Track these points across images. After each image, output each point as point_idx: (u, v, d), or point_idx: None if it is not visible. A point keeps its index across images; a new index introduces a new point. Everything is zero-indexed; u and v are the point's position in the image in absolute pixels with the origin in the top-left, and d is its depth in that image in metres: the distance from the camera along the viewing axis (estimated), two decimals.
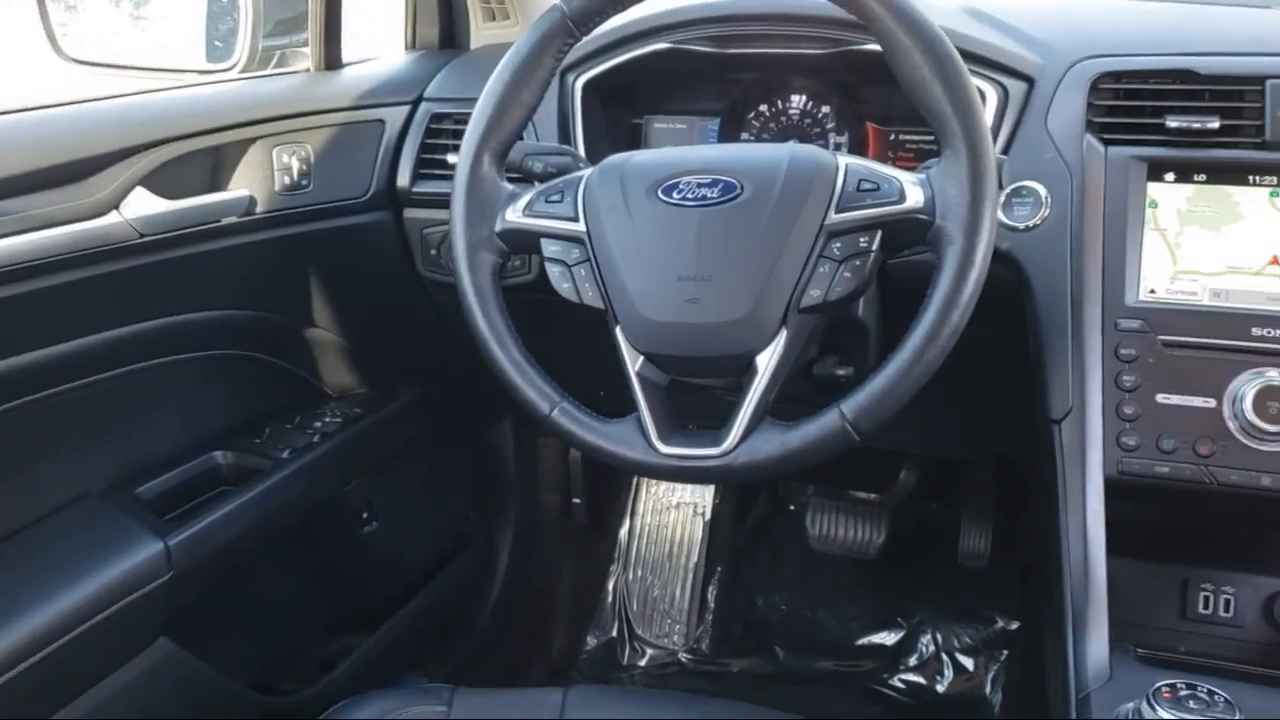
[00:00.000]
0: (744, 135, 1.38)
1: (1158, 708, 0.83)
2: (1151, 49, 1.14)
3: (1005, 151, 1.14)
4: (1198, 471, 1.01)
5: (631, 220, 0.98)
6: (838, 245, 0.93)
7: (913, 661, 1.89)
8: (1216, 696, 0.83)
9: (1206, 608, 1.18)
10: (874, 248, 0.93)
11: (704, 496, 2.10)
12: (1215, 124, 1.06)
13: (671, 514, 2.11)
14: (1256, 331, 1.01)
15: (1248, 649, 1.16)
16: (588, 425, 0.99)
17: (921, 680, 1.87)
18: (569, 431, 0.99)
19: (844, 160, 0.96)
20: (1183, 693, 0.84)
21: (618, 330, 0.98)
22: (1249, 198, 1.06)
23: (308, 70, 1.52)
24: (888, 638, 1.92)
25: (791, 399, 0.99)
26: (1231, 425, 1.00)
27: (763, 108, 1.37)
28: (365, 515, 1.58)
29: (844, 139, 1.34)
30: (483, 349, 1.02)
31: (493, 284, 1.03)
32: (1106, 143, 1.10)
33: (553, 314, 1.02)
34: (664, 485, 2.13)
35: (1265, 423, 0.98)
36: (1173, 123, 1.07)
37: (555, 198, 1.03)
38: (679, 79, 1.37)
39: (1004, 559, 1.84)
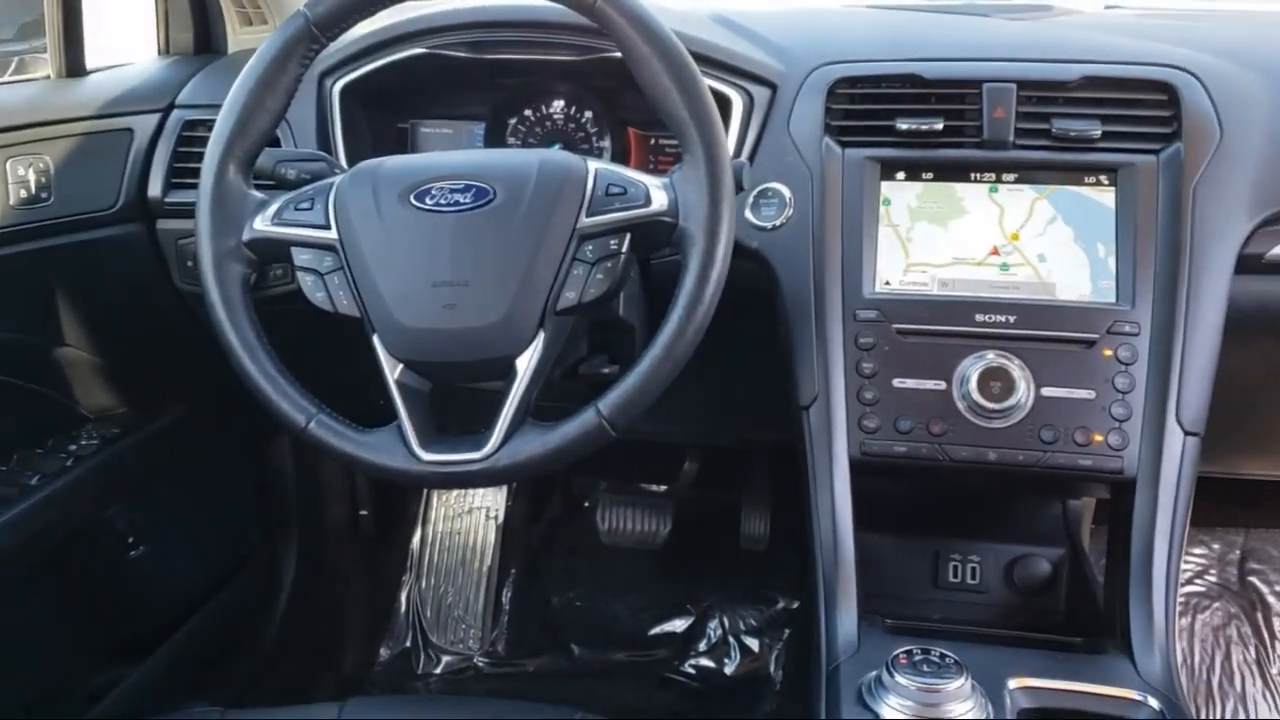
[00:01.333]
0: (510, 140, 1.40)
1: (895, 674, 0.89)
2: (882, 55, 1.21)
3: (752, 155, 1.20)
4: (932, 449, 1.08)
5: (384, 226, 0.97)
6: (590, 248, 0.96)
7: (702, 646, 1.95)
8: (948, 659, 0.90)
9: (956, 576, 1.27)
10: (624, 250, 0.96)
11: (496, 499, 2.10)
12: (940, 125, 1.14)
13: (464, 519, 2.10)
14: (979, 317, 1.10)
15: (993, 611, 1.25)
16: (346, 436, 0.98)
17: (711, 664, 1.93)
18: (326, 443, 0.97)
19: (594, 165, 0.99)
20: (917, 658, 0.90)
21: (375, 338, 0.98)
22: (971, 193, 1.15)
23: (48, 77, 1.44)
24: (678, 625, 1.97)
25: (571, 399, 1.01)
26: (960, 405, 1.08)
27: (527, 112, 1.39)
28: (131, 539, 1.51)
29: (606, 144, 1.37)
30: (233, 362, 0.99)
31: (242, 295, 1.01)
32: (843, 145, 1.17)
33: (332, 323, 1.00)
34: (455, 491, 2.12)
35: (988, 401, 1.07)
36: (902, 125, 1.15)
37: (305, 205, 1.01)
38: (443, 83, 1.37)
39: (784, 541, 1.92)
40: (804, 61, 1.22)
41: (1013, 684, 0.93)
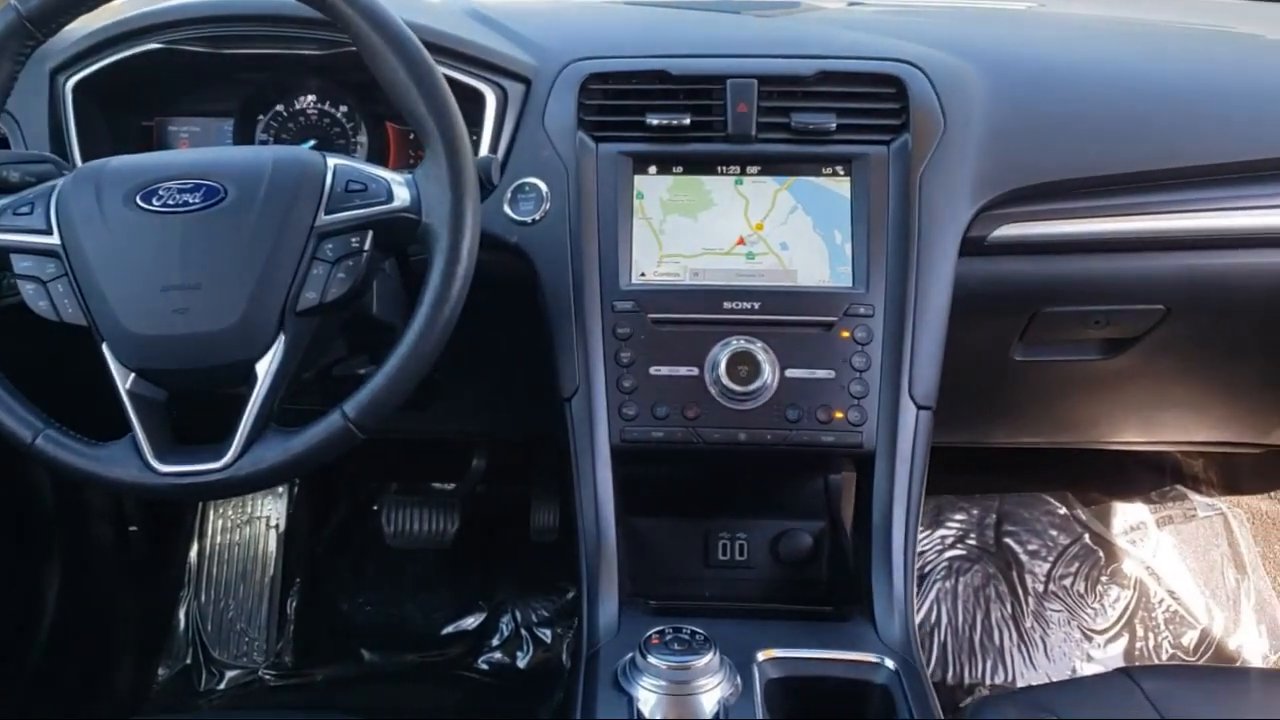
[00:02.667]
0: (262, 136, 1.35)
1: (648, 655, 0.91)
2: (632, 51, 1.24)
3: (508, 150, 1.20)
4: (687, 433, 1.12)
5: (109, 230, 0.93)
6: (330, 246, 0.94)
7: (495, 642, 1.94)
8: (698, 636, 0.93)
9: (725, 554, 1.31)
10: (366, 248, 0.95)
11: (277, 508, 2.04)
12: (687, 120, 1.17)
13: (244, 530, 2.03)
14: (727, 305, 1.14)
15: (762, 586, 1.30)
16: (76, 450, 0.93)
17: (504, 659, 1.93)
18: (55, 458, 0.92)
19: (333, 161, 0.97)
20: (669, 637, 0.92)
21: (104, 347, 0.93)
22: (718, 186, 1.19)
23: None
24: (471, 622, 1.96)
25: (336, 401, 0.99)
26: (712, 390, 1.12)
27: (279, 108, 1.35)
28: None
29: (363, 139, 1.35)
30: None
31: None
32: (597, 139, 1.18)
33: (66, 334, 0.95)
34: (234, 502, 2.04)
35: (736, 385, 1.11)
36: (652, 120, 1.17)
37: (25, 209, 0.95)
38: (188, 79, 1.31)
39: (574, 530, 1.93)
40: (557, 57, 1.23)
41: (761, 656, 0.97)
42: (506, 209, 1.17)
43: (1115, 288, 1.24)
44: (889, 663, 0.98)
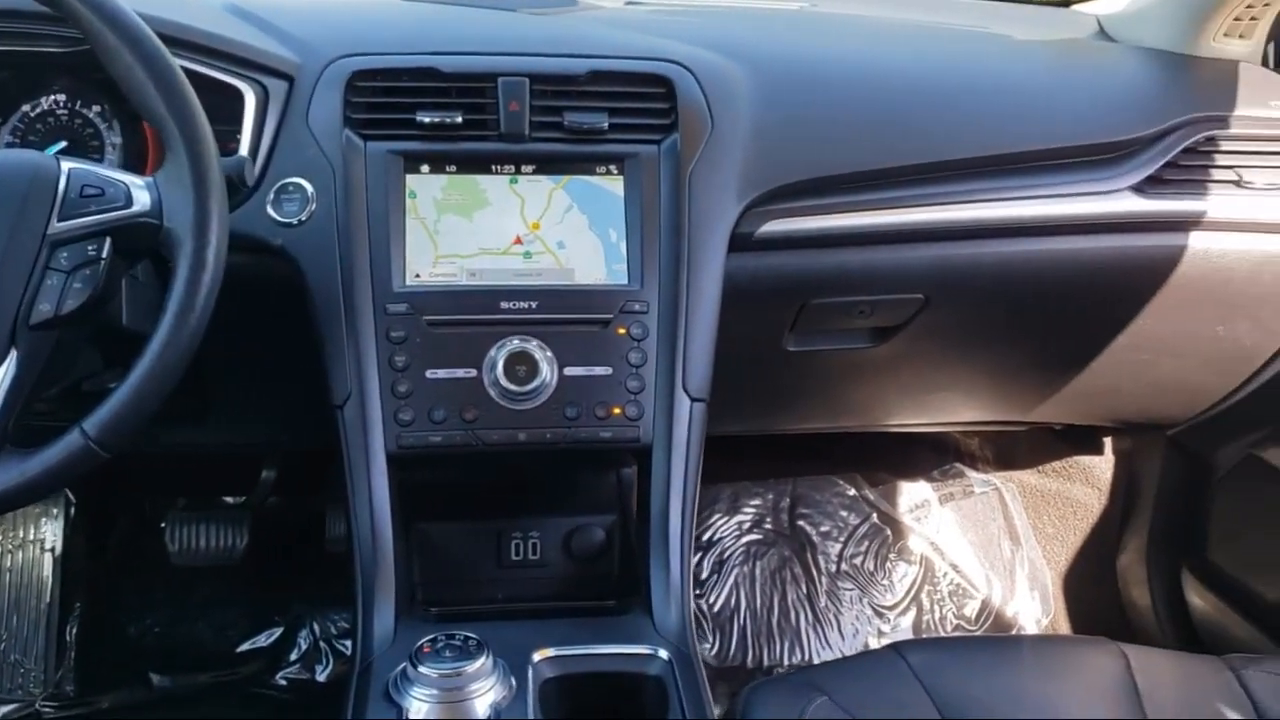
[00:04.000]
0: (7, 139, 1.26)
1: (419, 664, 0.90)
2: (402, 48, 1.22)
3: (271, 149, 1.16)
4: (466, 436, 1.11)
5: None
6: (65, 255, 0.89)
7: (293, 657, 1.88)
8: (471, 641, 0.92)
9: (518, 554, 1.30)
10: (105, 255, 0.90)
11: (52, 530, 1.91)
12: (460, 118, 1.16)
13: (14, 556, 1.90)
14: (504, 305, 1.13)
15: (555, 584, 1.30)
16: None
17: (303, 674, 1.87)
18: None
19: (67, 165, 0.92)
20: (440, 645, 0.91)
21: None
22: (494, 185, 1.18)
23: None
24: (266, 638, 1.90)
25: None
26: (491, 391, 1.11)
27: (25, 108, 1.26)
28: None
29: (119, 140, 1.28)
30: None
31: None
32: (365, 138, 1.16)
33: None
34: (2, 525, 1.91)
35: (515, 385, 1.10)
36: (423, 118, 1.15)
37: None
38: None
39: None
40: (321, 53, 1.19)
41: (536, 656, 0.97)
42: (269, 210, 1.13)
43: (876, 279, 1.29)
44: (662, 653, 0.99)
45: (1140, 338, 1.42)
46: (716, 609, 1.97)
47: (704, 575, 2.00)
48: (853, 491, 2.13)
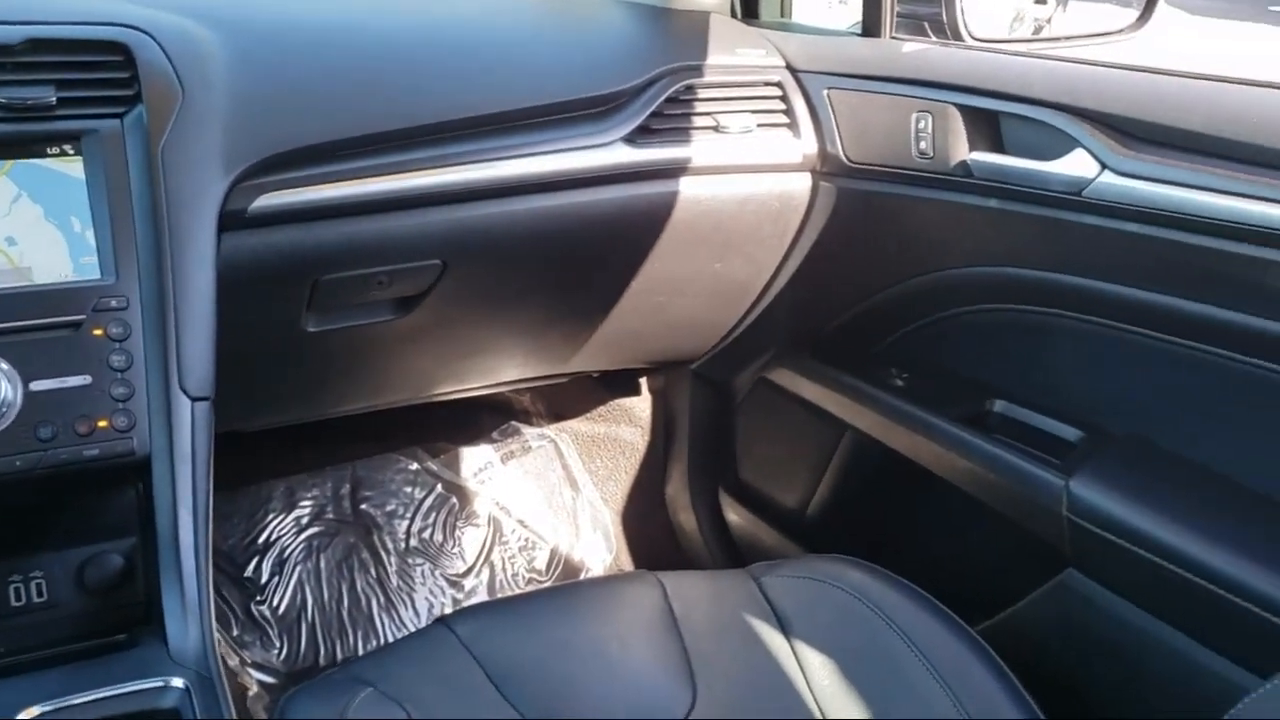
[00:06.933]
0: None
1: None
2: None
3: None
4: None
5: None
6: None
7: None
8: None
9: (20, 599, 1.13)
10: None
11: None
12: None
13: None
14: None
15: (71, 624, 1.14)
16: None
17: None
18: None
19: None
20: None
21: None
22: None
23: None
24: None
25: None
26: None
27: None
28: None
29: None
30: None
31: None
32: None
33: None
34: None
35: None
36: None
37: None
38: None
39: None
40: None
41: (25, 716, 0.84)
42: None
43: (391, 248, 1.25)
44: (176, 682, 0.90)
45: (651, 282, 1.50)
46: (281, 611, 1.86)
47: (264, 579, 1.88)
48: (415, 465, 2.10)
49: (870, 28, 1.50)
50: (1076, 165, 1.20)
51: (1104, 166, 1.17)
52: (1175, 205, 1.11)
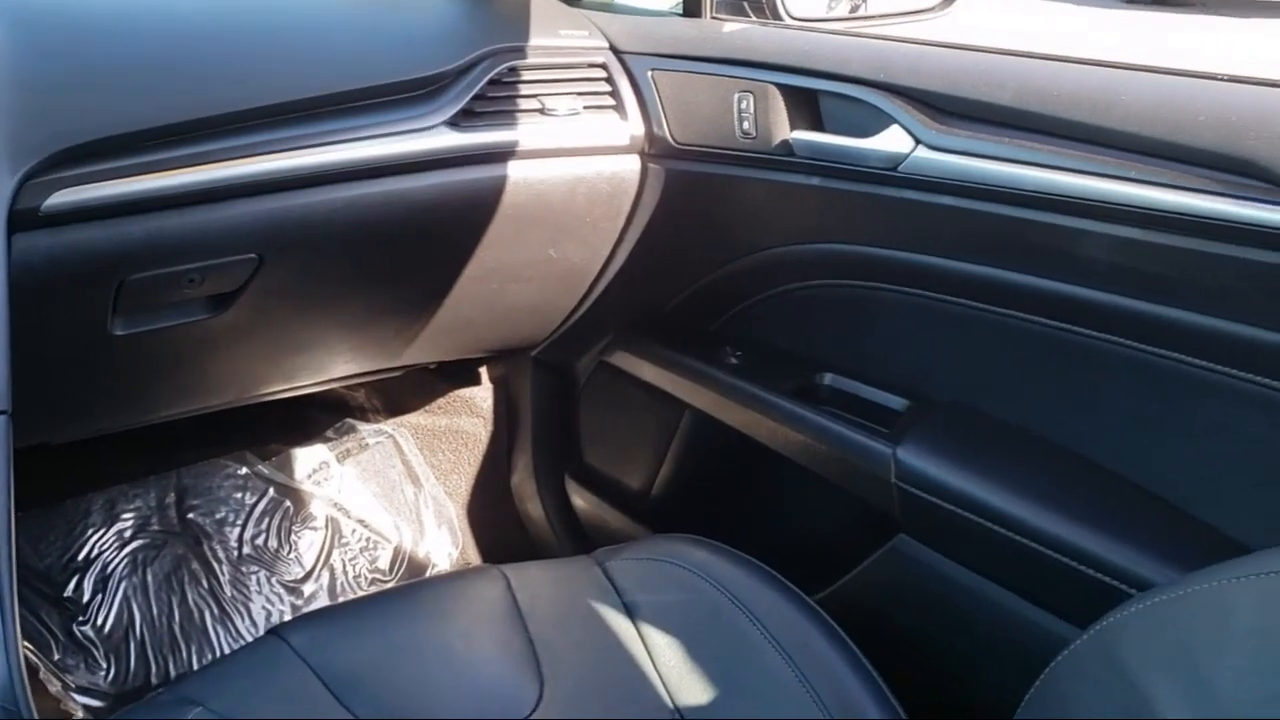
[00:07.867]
0: None
1: None
2: None
3: None
4: None
5: None
6: None
7: None
8: None
9: None
10: None
11: None
12: None
13: None
14: None
15: None
16: None
17: None
18: None
19: None
20: None
21: None
22: None
23: None
24: None
25: None
26: None
27: None
28: None
29: None
30: None
31: None
32: None
33: None
34: None
35: None
36: None
37: None
38: None
39: None
40: None
41: None
42: None
43: (201, 243, 1.19)
44: None
45: (484, 269, 1.47)
46: (107, 631, 1.76)
47: (85, 598, 1.77)
48: (244, 470, 2.01)
49: (691, 8, 1.50)
50: (892, 141, 1.23)
51: (918, 142, 1.20)
52: (987, 178, 1.15)
